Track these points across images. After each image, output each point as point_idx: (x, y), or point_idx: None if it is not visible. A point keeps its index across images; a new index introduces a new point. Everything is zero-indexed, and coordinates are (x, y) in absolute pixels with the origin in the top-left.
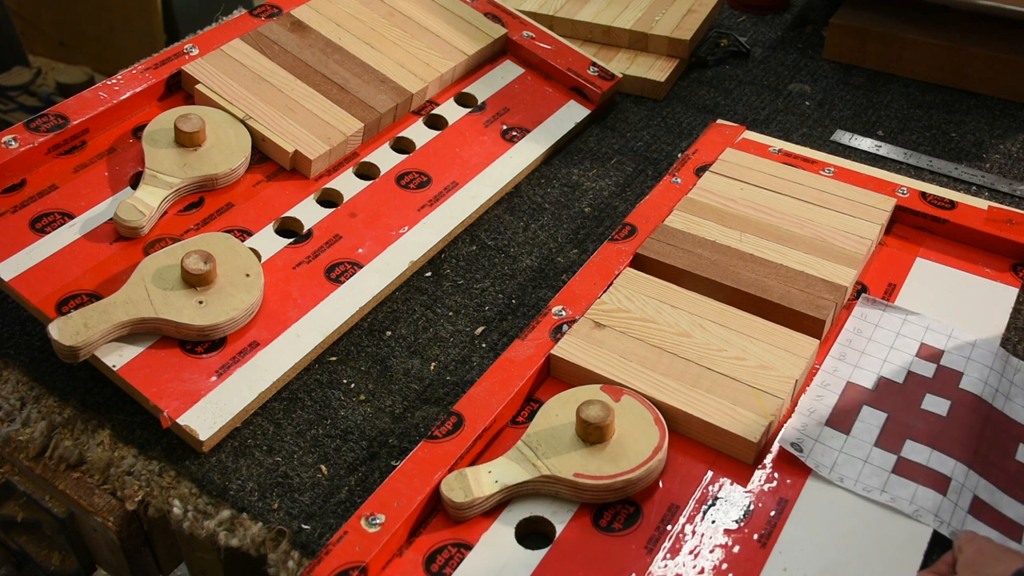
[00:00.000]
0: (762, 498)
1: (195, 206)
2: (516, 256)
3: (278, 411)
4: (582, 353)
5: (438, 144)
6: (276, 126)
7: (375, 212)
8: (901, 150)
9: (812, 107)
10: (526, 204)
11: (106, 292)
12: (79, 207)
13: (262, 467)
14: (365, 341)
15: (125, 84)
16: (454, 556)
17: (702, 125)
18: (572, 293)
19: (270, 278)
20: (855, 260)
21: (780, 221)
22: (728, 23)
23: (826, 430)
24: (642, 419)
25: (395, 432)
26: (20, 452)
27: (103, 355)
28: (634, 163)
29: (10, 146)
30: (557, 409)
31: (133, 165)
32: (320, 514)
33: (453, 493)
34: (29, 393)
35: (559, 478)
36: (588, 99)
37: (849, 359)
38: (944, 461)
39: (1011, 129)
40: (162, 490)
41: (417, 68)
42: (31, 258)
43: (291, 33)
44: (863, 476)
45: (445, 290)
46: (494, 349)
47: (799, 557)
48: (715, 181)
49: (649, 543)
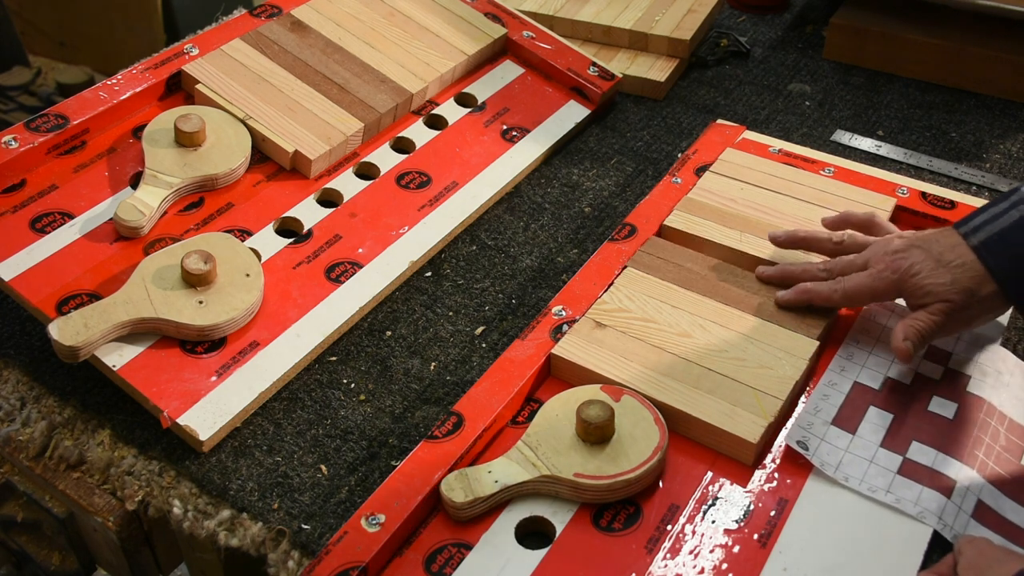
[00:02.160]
0: (762, 498)
1: (195, 206)
2: (516, 256)
3: (278, 411)
4: (582, 353)
5: (438, 144)
6: (276, 126)
7: (375, 212)
8: (901, 150)
9: (812, 107)
10: (526, 204)
11: (106, 292)
12: (79, 207)
13: (262, 467)
14: (365, 341)
15: (125, 84)
16: (454, 556)
17: (702, 125)
18: (572, 293)
19: (270, 278)
20: None
21: (780, 221)
22: (728, 23)
23: (832, 429)
24: (642, 419)
25: (395, 432)
26: (20, 452)
27: (103, 355)
28: (634, 163)
29: (10, 146)
30: (557, 409)
31: (133, 165)
32: (320, 514)
33: (453, 493)
34: (29, 393)
35: (559, 478)
36: (588, 99)
37: (857, 359)
38: (949, 464)
39: (1011, 129)
40: (162, 490)
41: (417, 68)
42: (31, 258)
43: (291, 33)
44: (868, 476)
45: (445, 290)
46: (494, 349)
47: (799, 557)
48: (715, 181)
49: (649, 543)
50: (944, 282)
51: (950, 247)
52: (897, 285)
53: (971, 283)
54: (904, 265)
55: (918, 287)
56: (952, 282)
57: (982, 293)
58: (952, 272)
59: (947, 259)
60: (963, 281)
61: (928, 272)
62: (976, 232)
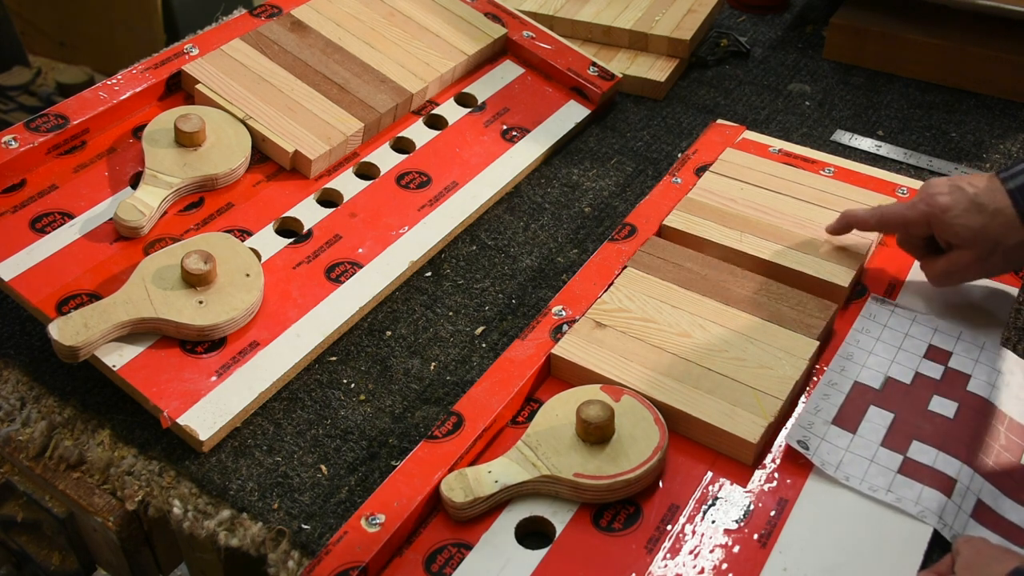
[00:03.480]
0: (762, 498)
1: (195, 206)
2: (516, 256)
3: (278, 411)
4: (582, 353)
5: (438, 144)
6: (276, 126)
7: (375, 212)
8: (901, 150)
9: (812, 107)
10: (526, 204)
11: (106, 292)
12: (79, 207)
13: (262, 467)
14: (365, 341)
15: (125, 84)
16: (454, 556)
17: (702, 125)
18: (572, 293)
19: (270, 278)
20: (855, 260)
21: (780, 221)
22: (728, 23)
23: (832, 428)
24: (642, 419)
25: (395, 432)
26: (20, 452)
27: (103, 355)
28: (634, 163)
29: (10, 146)
30: (557, 409)
31: (133, 165)
32: (320, 514)
33: (453, 493)
34: (29, 393)
35: (559, 478)
36: (588, 99)
37: (857, 359)
38: (950, 463)
39: (1011, 129)
40: (162, 490)
41: (417, 68)
42: (31, 258)
43: (291, 33)
44: (869, 475)
45: (445, 290)
46: (494, 349)
47: (799, 557)
48: (715, 181)
49: (649, 543)
50: (973, 226)
51: (988, 191)
52: (927, 218)
53: (999, 231)
54: (940, 201)
55: (947, 225)
56: (981, 227)
57: (1008, 243)
58: (984, 217)
59: (982, 202)
60: (992, 228)
61: (960, 212)
62: (1015, 177)
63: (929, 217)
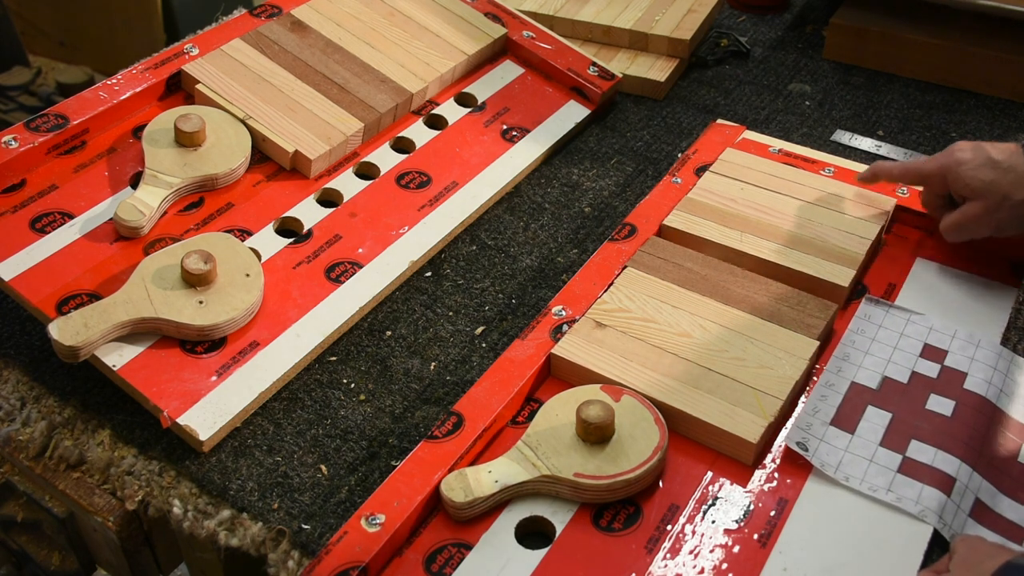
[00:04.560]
0: (762, 498)
1: (195, 206)
2: (516, 256)
3: (278, 411)
4: (583, 352)
5: (438, 144)
6: (276, 126)
7: (375, 212)
8: (901, 150)
9: (812, 107)
10: (526, 204)
11: (106, 292)
12: (79, 207)
13: (262, 467)
14: (365, 341)
15: (125, 84)
16: (454, 556)
17: (702, 125)
18: (572, 293)
19: (270, 278)
20: (855, 260)
21: (780, 221)
22: (728, 23)
23: (831, 429)
24: (642, 419)
25: (395, 432)
26: (20, 452)
27: (103, 355)
28: (634, 163)
29: (10, 146)
30: (557, 409)
31: (133, 165)
32: (320, 514)
33: (453, 493)
34: (29, 393)
35: (559, 478)
36: (588, 99)
37: (853, 359)
38: (949, 461)
39: (1011, 129)
40: (162, 490)
41: (417, 68)
42: (31, 258)
43: (291, 33)
44: (869, 475)
45: (445, 290)
46: (494, 349)
47: (799, 557)
48: (715, 181)
49: (649, 543)
50: (984, 179)
51: (1005, 150)
52: (943, 170)
53: (1009, 186)
54: (958, 156)
55: (960, 177)
56: (991, 182)
57: (1016, 197)
58: (996, 173)
59: (996, 158)
60: (1002, 183)
61: (974, 166)
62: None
63: (945, 170)
